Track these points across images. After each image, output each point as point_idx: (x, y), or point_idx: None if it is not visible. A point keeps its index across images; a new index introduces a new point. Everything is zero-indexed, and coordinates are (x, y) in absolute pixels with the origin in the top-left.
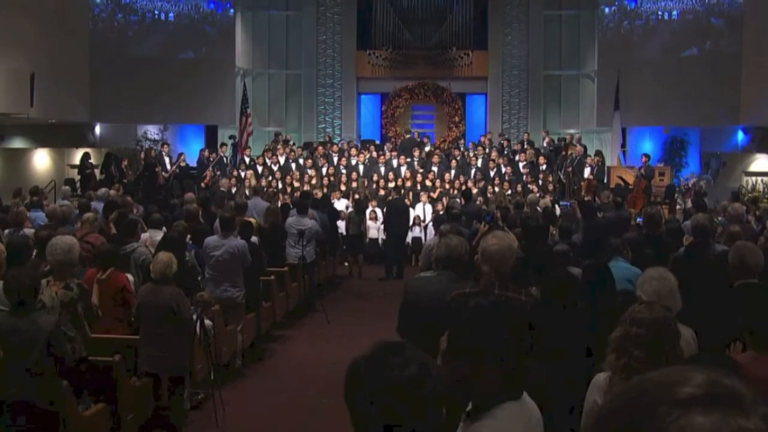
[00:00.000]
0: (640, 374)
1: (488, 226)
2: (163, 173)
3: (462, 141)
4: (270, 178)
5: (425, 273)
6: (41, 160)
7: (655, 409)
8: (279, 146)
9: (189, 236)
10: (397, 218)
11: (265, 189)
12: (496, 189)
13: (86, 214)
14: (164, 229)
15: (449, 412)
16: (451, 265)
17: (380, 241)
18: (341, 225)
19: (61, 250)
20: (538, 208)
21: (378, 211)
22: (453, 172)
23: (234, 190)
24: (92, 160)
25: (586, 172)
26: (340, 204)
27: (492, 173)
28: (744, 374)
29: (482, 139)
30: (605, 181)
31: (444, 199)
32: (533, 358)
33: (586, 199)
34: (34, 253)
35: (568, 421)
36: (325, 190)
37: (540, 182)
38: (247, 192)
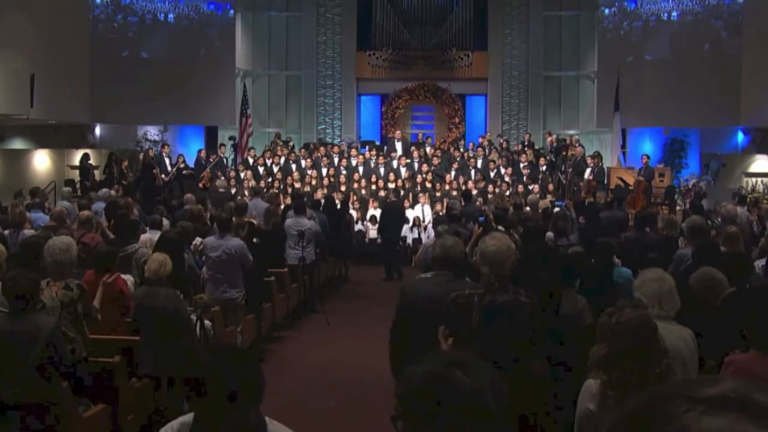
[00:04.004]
0: (635, 385)
1: (481, 227)
2: (162, 175)
3: (462, 142)
4: (270, 179)
5: (424, 274)
6: (41, 161)
7: (670, 401)
8: (279, 147)
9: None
10: (390, 221)
11: (265, 190)
12: (496, 190)
13: (82, 212)
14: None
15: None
16: (447, 266)
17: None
18: None
19: (59, 249)
20: (539, 209)
21: (376, 213)
22: (453, 173)
23: (233, 191)
24: (92, 161)
25: (587, 173)
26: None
27: (492, 174)
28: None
29: (481, 140)
30: (605, 182)
31: (444, 200)
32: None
33: (587, 200)
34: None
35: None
36: (325, 191)
37: (540, 183)
38: (246, 193)
